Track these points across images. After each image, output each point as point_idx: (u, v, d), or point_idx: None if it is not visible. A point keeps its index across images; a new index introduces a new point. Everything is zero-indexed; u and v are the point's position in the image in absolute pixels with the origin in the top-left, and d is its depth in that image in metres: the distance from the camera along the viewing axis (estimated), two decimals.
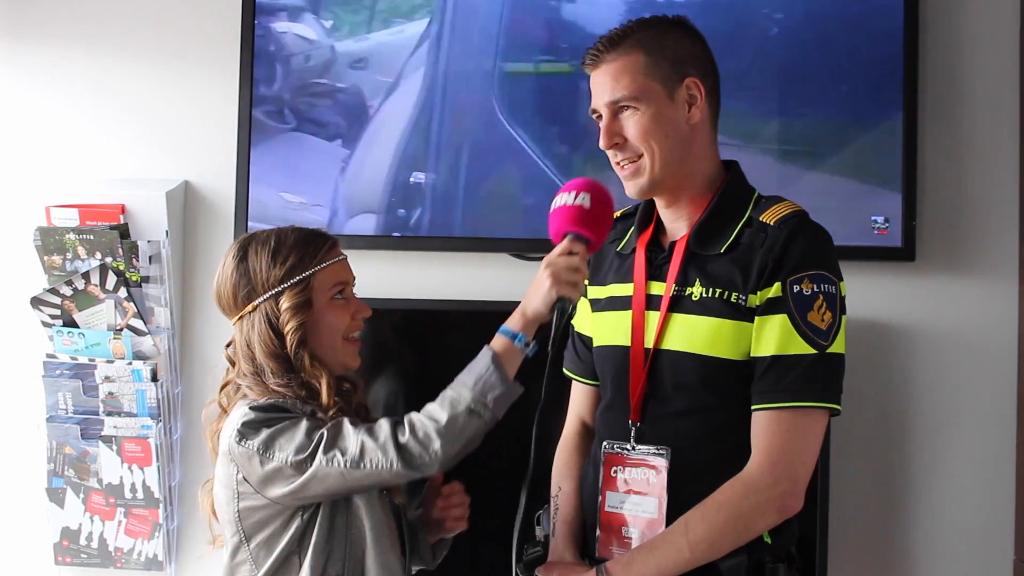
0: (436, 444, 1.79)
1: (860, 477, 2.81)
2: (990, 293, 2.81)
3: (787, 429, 1.79)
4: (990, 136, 2.82)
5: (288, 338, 1.91)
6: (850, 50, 2.78)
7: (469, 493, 2.09)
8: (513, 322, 1.86)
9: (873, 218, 2.77)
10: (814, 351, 1.78)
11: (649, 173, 1.87)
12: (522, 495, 1.79)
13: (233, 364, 2.01)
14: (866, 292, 2.70)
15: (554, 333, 1.82)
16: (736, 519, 1.78)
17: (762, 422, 1.80)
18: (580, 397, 2.13)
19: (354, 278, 2.04)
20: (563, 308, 1.81)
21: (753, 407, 1.82)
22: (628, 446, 1.89)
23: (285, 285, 1.92)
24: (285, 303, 1.91)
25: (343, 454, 1.80)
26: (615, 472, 1.90)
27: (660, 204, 1.97)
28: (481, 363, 1.83)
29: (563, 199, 1.86)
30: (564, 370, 2.14)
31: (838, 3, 2.78)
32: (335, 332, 1.96)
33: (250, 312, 1.95)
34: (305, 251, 1.95)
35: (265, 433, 1.84)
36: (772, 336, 1.79)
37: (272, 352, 1.92)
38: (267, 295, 1.93)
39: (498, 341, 1.85)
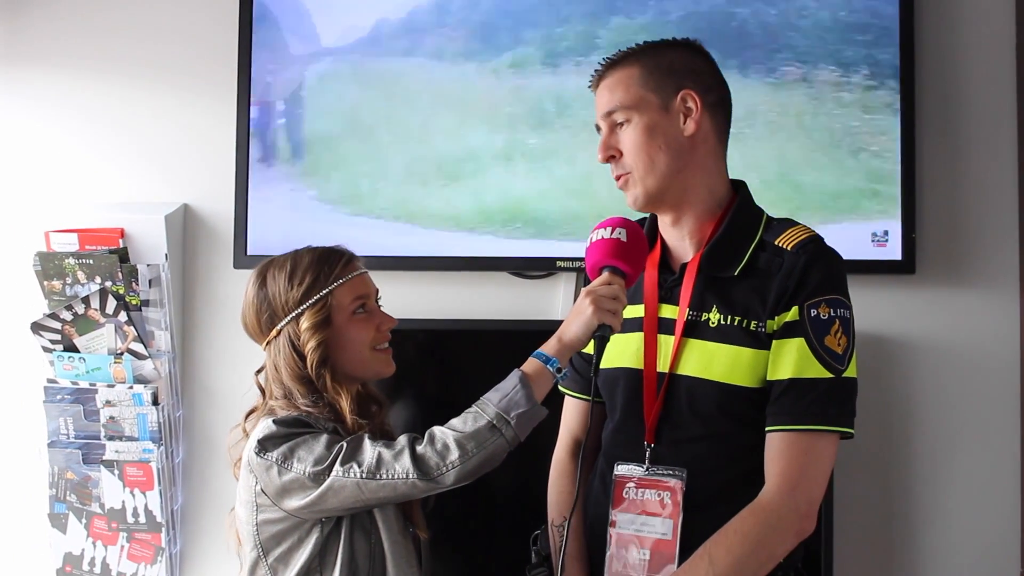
0: (454, 455, 1.79)
1: (864, 491, 2.80)
2: (991, 305, 2.81)
3: (804, 452, 1.79)
4: (988, 148, 2.83)
5: (309, 357, 1.93)
6: (847, 63, 2.79)
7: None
8: (548, 347, 1.87)
9: (873, 231, 2.77)
10: (831, 375, 1.79)
11: (642, 184, 1.89)
12: (567, 526, 1.82)
13: (263, 391, 2.02)
14: (866, 305, 2.68)
15: (596, 361, 1.83)
16: (760, 548, 1.77)
17: (778, 444, 1.81)
18: (574, 414, 2.12)
19: (377, 290, 2.05)
20: (603, 336, 1.82)
21: (768, 428, 1.82)
22: (642, 467, 1.89)
23: (304, 306, 1.94)
24: (305, 323, 1.93)
25: (360, 465, 1.81)
26: (627, 493, 1.89)
27: (664, 223, 1.97)
28: (509, 382, 1.84)
29: (601, 234, 1.87)
30: (560, 387, 2.14)
31: (834, 14, 2.80)
32: (361, 346, 1.98)
33: (275, 337, 1.97)
34: (321, 270, 1.96)
35: (285, 445, 1.86)
36: (789, 359, 1.80)
37: (297, 375, 1.94)
38: (288, 318, 1.95)
39: (530, 364, 1.86)
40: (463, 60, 2.91)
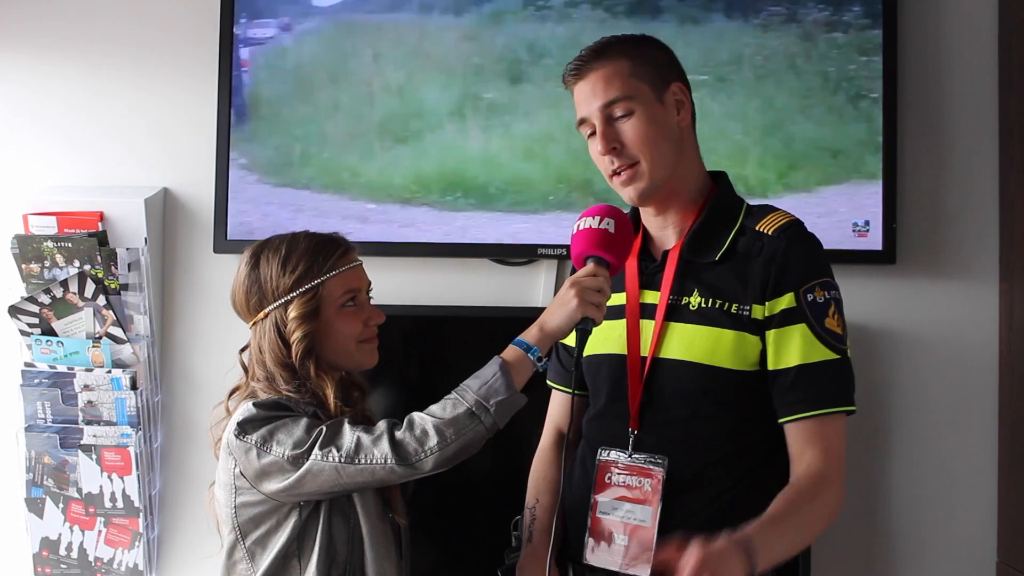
0: (433, 441, 1.79)
1: None
2: (971, 295, 2.82)
3: (832, 433, 1.81)
4: (970, 138, 2.83)
5: (294, 348, 1.93)
6: (829, 54, 2.79)
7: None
8: (529, 335, 1.87)
9: (854, 221, 2.77)
10: (837, 356, 1.82)
11: (649, 177, 1.88)
12: (555, 521, 1.85)
13: (246, 369, 2.02)
14: (847, 295, 2.64)
15: (577, 353, 1.84)
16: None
17: (805, 430, 1.81)
18: (559, 407, 2.13)
19: (369, 283, 2.04)
20: (586, 328, 1.82)
21: (788, 418, 1.83)
22: (625, 453, 1.89)
23: (294, 294, 1.93)
24: (292, 312, 1.93)
25: (339, 450, 1.81)
26: (610, 478, 1.90)
27: (648, 213, 1.98)
28: (488, 369, 1.84)
29: (588, 222, 1.87)
30: (547, 381, 2.14)
31: (817, 10, 2.79)
32: (347, 339, 1.97)
33: (262, 319, 1.96)
34: (315, 259, 1.95)
35: (265, 428, 1.86)
36: (794, 347, 1.81)
37: (280, 361, 1.94)
38: (276, 303, 1.95)
39: (510, 352, 1.86)
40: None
